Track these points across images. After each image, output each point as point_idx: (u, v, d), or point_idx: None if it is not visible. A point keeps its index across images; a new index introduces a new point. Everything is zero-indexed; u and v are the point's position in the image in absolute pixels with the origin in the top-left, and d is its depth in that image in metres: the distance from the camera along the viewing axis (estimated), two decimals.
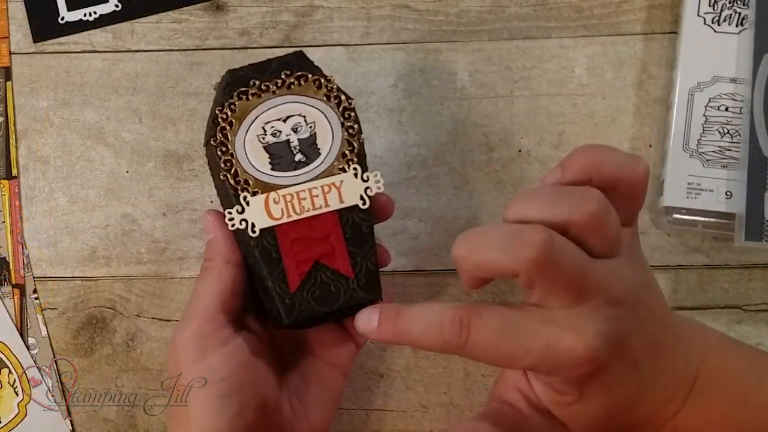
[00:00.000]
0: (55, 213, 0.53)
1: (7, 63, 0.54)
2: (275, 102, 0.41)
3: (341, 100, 0.41)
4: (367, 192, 0.40)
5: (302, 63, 0.42)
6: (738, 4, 0.50)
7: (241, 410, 0.39)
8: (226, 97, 0.41)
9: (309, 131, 0.41)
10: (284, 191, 0.40)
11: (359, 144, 0.41)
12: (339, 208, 0.40)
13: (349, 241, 0.40)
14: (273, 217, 0.40)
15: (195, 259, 0.52)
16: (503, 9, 0.53)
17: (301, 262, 0.40)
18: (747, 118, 0.48)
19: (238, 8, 0.54)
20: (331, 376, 0.44)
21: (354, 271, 0.40)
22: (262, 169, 0.41)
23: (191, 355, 0.40)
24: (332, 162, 0.40)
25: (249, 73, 0.42)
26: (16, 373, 0.52)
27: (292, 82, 0.41)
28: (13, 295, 0.53)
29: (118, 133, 0.53)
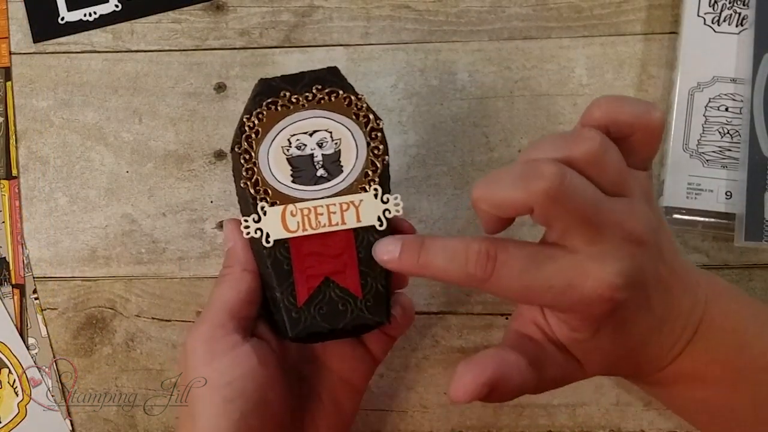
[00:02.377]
0: (55, 213, 0.53)
1: (7, 63, 0.54)
2: (303, 115, 0.41)
3: (369, 119, 0.41)
4: (386, 214, 0.40)
5: (335, 79, 0.41)
6: (738, 4, 0.50)
7: (245, 415, 0.39)
8: (255, 106, 0.41)
9: (334, 147, 0.41)
10: (302, 205, 0.40)
11: (383, 165, 0.40)
12: (355, 227, 0.40)
13: (361, 260, 0.39)
14: (288, 230, 0.40)
15: (195, 259, 0.52)
16: (503, 9, 0.53)
17: (311, 277, 0.40)
18: (747, 118, 0.48)
19: (238, 8, 0.54)
20: (345, 393, 0.44)
21: (363, 291, 0.39)
22: (283, 180, 0.40)
23: (200, 358, 0.40)
24: (354, 180, 0.40)
25: (281, 84, 0.41)
26: (16, 373, 0.52)
27: (322, 98, 0.41)
28: (13, 295, 0.53)
29: (118, 133, 0.53)
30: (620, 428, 0.50)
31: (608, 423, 0.50)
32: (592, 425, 0.50)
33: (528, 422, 0.50)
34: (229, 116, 0.53)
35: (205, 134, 0.53)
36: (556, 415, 0.50)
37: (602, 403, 0.50)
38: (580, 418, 0.50)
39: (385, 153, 0.41)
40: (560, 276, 0.35)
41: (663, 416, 0.49)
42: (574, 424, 0.50)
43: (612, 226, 0.35)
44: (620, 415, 0.50)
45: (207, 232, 0.52)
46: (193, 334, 0.41)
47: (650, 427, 0.50)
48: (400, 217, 0.41)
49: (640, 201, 0.37)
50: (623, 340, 0.38)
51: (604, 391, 0.50)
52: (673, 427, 0.49)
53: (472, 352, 0.50)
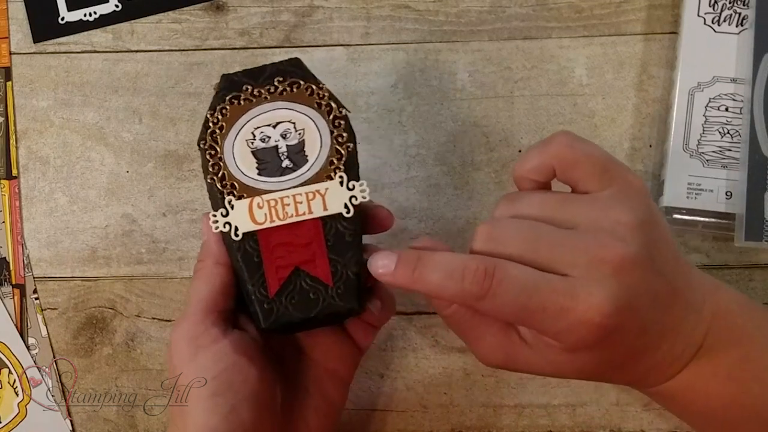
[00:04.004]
0: (55, 213, 0.53)
1: (7, 63, 0.54)
2: (266, 108, 0.41)
3: (332, 108, 0.41)
4: (352, 201, 0.40)
5: (296, 70, 0.42)
6: (738, 4, 0.50)
7: (234, 408, 0.39)
8: (218, 102, 0.42)
9: (298, 138, 0.41)
10: (269, 196, 0.40)
11: (348, 152, 0.41)
12: (322, 215, 0.40)
13: (330, 248, 0.40)
14: (256, 222, 0.40)
15: (195, 259, 0.52)
16: (503, 9, 0.53)
17: (281, 268, 0.40)
18: (747, 118, 0.48)
19: (238, 8, 0.54)
20: (332, 383, 0.44)
21: (333, 279, 0.40)
22: (249, 173, 0.41)
23: (185, 354, 0.40)
24: (319, 169, 0.41)
25: (243, 78, 0.42)
26: (16, 373, 0.52)
27: (284, 89, 0.41)
28: (13, 295, 0.53)
29: (118, 133, 0.53)
30: (620, 428, 0.50)
31: (608, 423, 0.50)
32: (592, 425, 0.50)
33: (528, 422, 0.50)
34: None
35: None
36: (556, 415, 0.50)
37: (602, 403, 0.50)
38: (580, 418, 0.50)
39: (349, 140, 0.41)
40: (554, 299, 0.35)
41: (663, 416, 0.49)
42: (574, 424, 0.50)
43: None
44: (620, 415, 0.50)
45: None
46: (175, 332, 0.41)
47: (650, 427, 0.50)
48: (378, 204, 0.42)
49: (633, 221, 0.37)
50: (604, 359, 0.38)
51: (604, 391, 0.50)
52: (673, 427, 0.49)
53: None
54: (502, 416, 0.50)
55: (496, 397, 0.50)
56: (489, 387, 0.50)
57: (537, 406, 0.50)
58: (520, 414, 0.50)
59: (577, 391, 0.50)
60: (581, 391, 0.50)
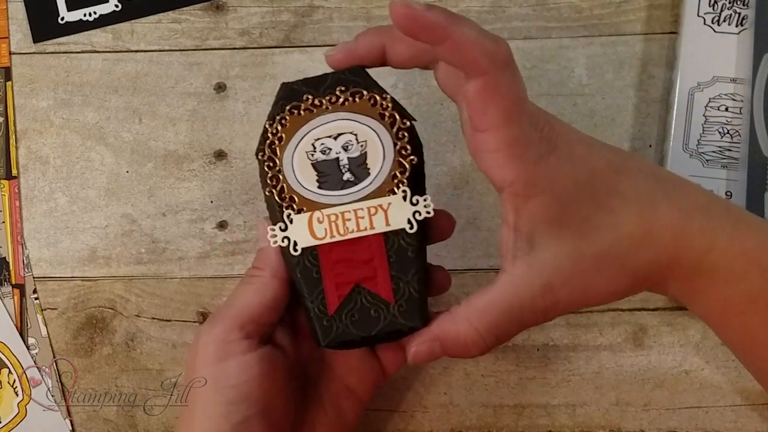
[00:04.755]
0: (55, 213, 0.53)
1: (7, 63, 0.54)
2: (327, 118, 0.40)
3: (396, 119, 0.39)
4: (416, 216, 0.39)
5: (359, 79, 0.40)
6: (738, 4, 0.50)
7: (246, 420, 0.39)
8: (277, 111, 0.40)
9: (360, 150, 0.39)
10: (329, 211, 0.39)
11: (411, 166, 0.39)
12: (385, 231, 0.39)
13: (392, 265, 0.39)
14: (316, 237, 0.39)
15: (195, 259, 0.52)
16: (503, 9, 0.53)
17: (341, 284, 0.39)
18: (747, 118, 0.48)
19: (238, 8, 0.54)
20: (348, 401, 0.44)
21: (395, 296, 0.38)
22: (309, 186, 0.40)
23: (210, 356, 0.40)
24: (381, 183, 0.39)
25: (303, 87, 0.40)
26: (16, 373, 0.52)
27: (346, 99, 0.40)
28: (13, 295, 0.53)
29: (118, 133, 0.53)
30: (620, 428, 0.50)
31: (608, 423, 0.50)
32: (592, 425, 0.50)
33: (528, 422, 0.50)
34: (229, 116, 0.53)
35: (205, 134, 0.53)
36: (556, 415, 0.50)
37: (602, 403, 0.50)
38: (580, 418, 0.50)
39: (413, 153, 0.39)
40: None
41: (663, 416, 0.49)
42: (574, 424, 0.50)
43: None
44: (620, 415, 0.50)
45: (207, 232, 0.52)
46: (207, 333, 0.40)
47: (650, 427, 0.50)
48: (442, 211, 0.41)
49: None
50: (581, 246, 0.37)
51: (604, 391, 0.50)
52: (673, 427, 0.50)
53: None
54: (502, 416, 0.50)
55: (496, 397, 0.50)
56: (489, 387, 0.50)
57: (537, 406, 0.50)
58: (520, 414, 0.50)
59: (577, 391, 0.50)
60: (581, 391, 0.50)
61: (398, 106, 0.40)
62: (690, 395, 0.50)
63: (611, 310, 0.50)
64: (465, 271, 0.51)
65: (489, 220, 0.51)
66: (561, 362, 0.50)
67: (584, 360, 0.50)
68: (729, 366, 0.50)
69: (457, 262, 0.51)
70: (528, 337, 0.50)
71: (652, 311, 0.50)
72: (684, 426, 0.49)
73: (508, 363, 0.50)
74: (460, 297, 0.50)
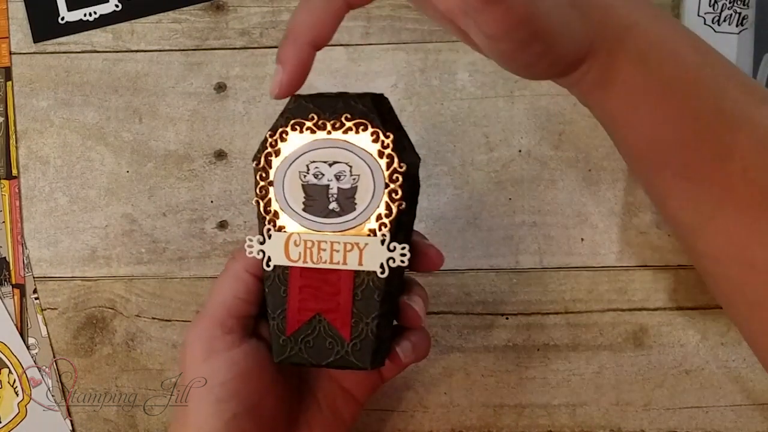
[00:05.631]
0: (55, 213, 0.53)
1: (7, 63, 0.54)
2: (327, 143, 0.39)
3: (393, 160, 0.38)
4: (389, 262, 0.38)
5: (368, 111, 0.39)
6: (738, 4, 0.50)
7: (237, 416, 0.39)
8: (281, 123, 0.40)
9: (351, 183, 0.39)
10: (308, 236, 0.39)
11: (398, 211, 0.38)
12: (356, 269, 0.38)
13: (356, 303, 0.38)
14: (289, 258, 0.39)
15: (195, 259, 0.52)
16: None
17: (303, 310, 0.39)
18: None
19: (238, 8, 0.54)
20: (344, 402, 0.44)
21: (352, 335, 0.38)
22: (294, 207, 0.39)
23: (198, 355, 0.40)
24: (364, 221, 0.38)
25: (311, 105, 0.39)
26: (16, 373, 0.52)
27: (350, 128, 0.39)
28: (13, 295, 0.53)
29: (118, 133, 0.53)
30: (620, 428, 0.50)
31: (608, 423, 0.50)
32: (592, 425, 0.50)
33: (528, 422, 0.50)
34: (229, 116, 0.53)
35: (205, 134, 0.53)
36: (556, 415, 0.50)
37: (602, 403, 0.50)
38: (580, 418, 0.50)
39: (403, 198, 0.38)
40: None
41: (663, 416, 0.49)
42: (574, 424, 0.50)
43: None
44: (620, 415, 0.50)
45: (207, 232, 0.52)
46: (191, 331, 0.41)
47: (650, 427, 0.50)
48: (429, 244, 0.40)
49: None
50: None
51: (604, 391, 0.50)
52: (673, 427, 0.50)
53: (472, 352, 0.50)
54: (502, 416, 0.50)
55: (496, 397, 0.50)
56: (489, 387, 0.50)
57: (537, 406, 0.50)
58: (520, 414, 0.50)
59: (577, 392, 0.50)
60: (581, 391, 0.50)
61: (399, 147, 0.39)
62: (690, 395, 0.50)
63: (611, 310, 0.50)
64: (465, 271, 0.51)
65: (489, 220, 0.51)
66: (561, 362, 0.50)
67: (584, 360, 0.50)
68: (729, 366, 0.50)
69: (457, 262, 0.51)
70: (528, 337, 0.50)
71: (652, 311, 0.50)
72: (684, 426, 0.49)
73: (508, 363, 0.50)
74: (460, 296, 0.50)
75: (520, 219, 0.51)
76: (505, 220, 0.51)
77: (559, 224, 0.51)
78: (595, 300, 0.50)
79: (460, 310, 0.51)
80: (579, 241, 0.50)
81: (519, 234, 0.50)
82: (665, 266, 0.50)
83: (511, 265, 0.51)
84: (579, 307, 0.50)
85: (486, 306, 0.51)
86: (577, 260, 0.50)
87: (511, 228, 0.51)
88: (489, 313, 0.51)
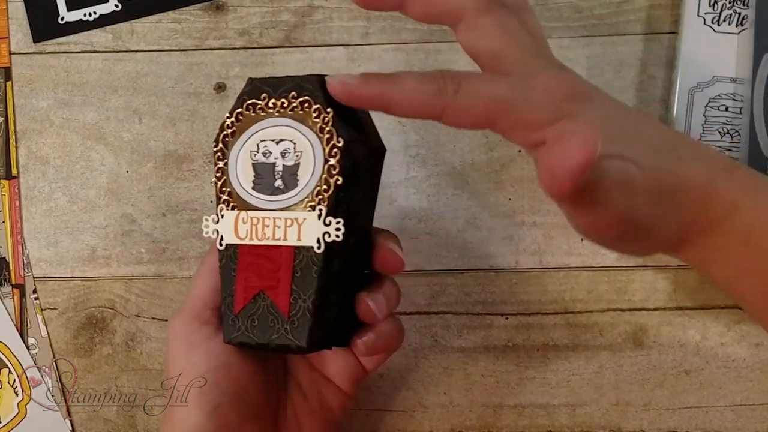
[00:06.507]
0: (55, 213, 0.53)
1: (7, 63, 0.54)
2: (274, 122, 0.40)
3: (333, 135, 0.38)
4: (325, 237, 0.38)
5: (314, 89, 0.39)
6: (738, 4, 0.50)
7: (219, 407, 0.39)
8: (237, 105, 0.41)
9: (295, 159, 0.39)
10: (254, 213, 0.40)
11: (336, 186, 0.38)
12: (296, 245, 0.39)
13: (296, 280, 0.38)
14: (238, 236, 0.40)
15: (195, 259, 0.52)
16: None
17: (248, 288, 0.39)
18: (747, 118, 0.48)
19: (238, 8, 0.54)
20: (330, 392, 0.44)
21: (290, 311, 0.38)
22: (245, 186, 0.40)
23: (179, 348, 0.41)
24: (305, 197, 0.39)
25: (264, 86, 0.40)
26: (16, 373, 0.52)
27: (295, 106, 0.40)
28: (13, 295, 0.53)
29: (118, 133, 0.53)
30: (620, 428, 0.50)
31: (608, 423, 0.50)
32: (592, 425, 0.50)
33: (528, 422, 0.50)
34: None
35: (205, 134, 0.53)
36: (556, 415, 0.50)
37: (602, 403, 0.50)
38: (580, 418, 0.50)
39: (340, 173, 0.38)
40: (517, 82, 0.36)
41: (663, 416, 0.50)
42: (574, 424, 0.50)
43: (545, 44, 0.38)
44: (620, 415, 0.50)
45: None
46: (172, 325, 0.41)
47: (650, 427, 0.50)
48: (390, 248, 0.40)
49: None
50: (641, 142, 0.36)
51: (604, 391, 0.50)
52: (673, 427, 0.50)
53: (472, 352, 0.50)
54: (502, 416, 0.50)
55: (496, 397, 0.50)
56: (489, 387, 0.50)
57: (537, 406, 0.50)
58: (520, 414, 0.50)
59: (577, 392, 0.50)
60: (581, 391, 0.50)
61: (339, 124, 0.39)
62: (690, 395, 0.50)
63: (611, 310, 0.50)
64: (465, 271, 0.51)
65: (489, 220, 0.51)
66: (561, 362, 0.50)
67: (584, 360, 0.50)
68: (729, 366, 0.50)
69: (457, 262, 0.51)
70: (528, 337, 0.50)
71: (652, 311, 0.50)
72: (684, 426, 0.49)
73: (508, 363, 0.50)
74: (460, 296, 0.50)
75: (520, 219, 0.51)
76: (505, 220, 0.51)
77: (559, 224, 0.51)
78: (594, 300, 0.50)
79: (459, 310, 0.51)
80: (579, 241, 0.50)
81: (519, 234, 0.50)
82: (665, 266, 0.50)
83: (511, 265, 0.51)
84: (579, 307, 0.50)
85: (486, 306, 0.51)
86: (577, 260, 0.50)
87: (511, 228, 0.51)
88: (489, 313, 0.51)
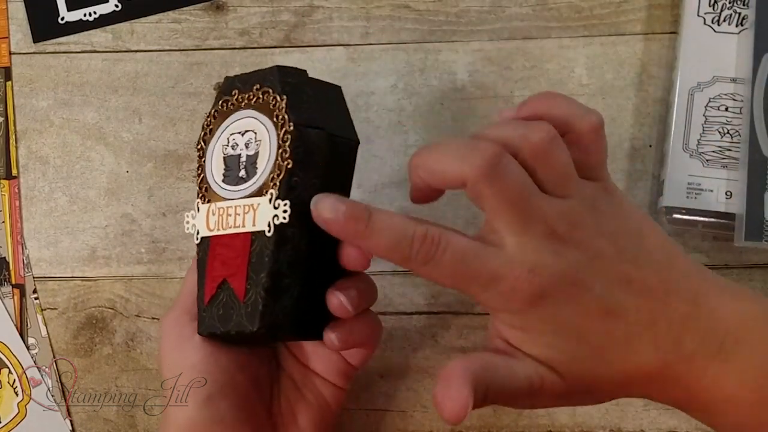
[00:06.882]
0: (55, 213, 0.53)
1: (7, 63, 0.54)
2: (241, 115, 0.41)
3: (285, 121, 0.39)
4: (274, 220, 0.38)
5: (273, 78, 0.40)
6: (738, 4, 0.50)
7: (211, 397, 0.39)
8: (214, 104, 0.42)
9: (255, 149, 0.40)
10: (222, 204, 0.40)
11: (286, 170, 0.38)
12: (252, 231, 0.39)
13: (251, 266, 0.39)
14: (209, 228, 0.41)
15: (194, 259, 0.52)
16: (503, 9, 0.53)
17: (214, 278, 0.40)
18: (747, 118, 0.48)
19: (238, 8, 0.54)
20: (324, 387, 0.44)
21: (245, 297, 0.39)
22: (217, 179, 0.41)
23: (171, 344, 0.41)
24: (262, 183, 0.39)
25: (236, 82, 0.42)
26: (16, 373, 0.52)
27: (257, 97, 0.40)
28: (13, 295, 0.53)
29: (118, 133, 0.53)
30: (620, 428, 0.50)
31: (608, 423, 0.50)
32: (592, 425, 0.50)
33: (528, 422, 0.50)
34: None
35: None
36: (556, 415, 0.50)
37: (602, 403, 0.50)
38: (580, 418, 0.50)
39: (290, 157, 0.38)
40: (487, 268, 0.35)
41: (663, 416, 0.49)
42: (574, 424, 0.50)
43: (537, 220, 0.36)
44: (620, 415, 0.50)
45: None
46: (164, 321, 0.42)
47: (650, 427, 0.50)
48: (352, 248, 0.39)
49: (582, 206, 0.37)
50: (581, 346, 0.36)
51: None
52: (673, 427, 0.49)
53: (472, 352, 0.50)
54: (502, 416, 0.50)
55: None
56: None
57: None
58: (519, 414, 0.50)
59: None
60: None
61: (290, 109, 0.39)
62: None
63: None
64: None
65: None
66: None
67: None
68: None
69: None
70: None
71: None
72: (684, 426, 0.49)
73: None
74: (460, 296, 0.50)
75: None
76: None
77: None
78: None
79: (460, 310, 0.51)
80: None
81: None
82: None
83: None
84: None
85: None
86: None
87: None
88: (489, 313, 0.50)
